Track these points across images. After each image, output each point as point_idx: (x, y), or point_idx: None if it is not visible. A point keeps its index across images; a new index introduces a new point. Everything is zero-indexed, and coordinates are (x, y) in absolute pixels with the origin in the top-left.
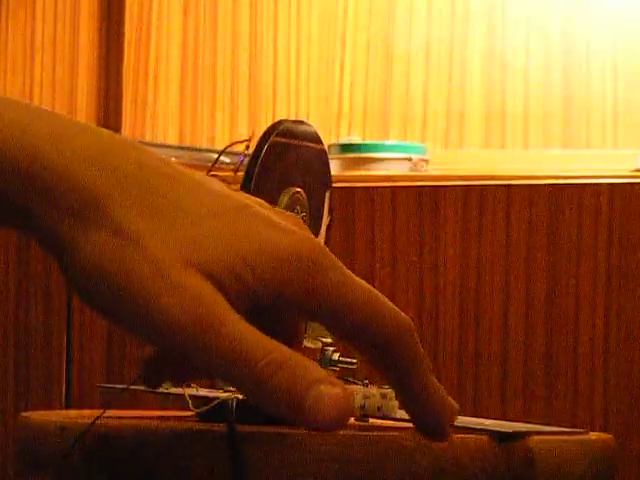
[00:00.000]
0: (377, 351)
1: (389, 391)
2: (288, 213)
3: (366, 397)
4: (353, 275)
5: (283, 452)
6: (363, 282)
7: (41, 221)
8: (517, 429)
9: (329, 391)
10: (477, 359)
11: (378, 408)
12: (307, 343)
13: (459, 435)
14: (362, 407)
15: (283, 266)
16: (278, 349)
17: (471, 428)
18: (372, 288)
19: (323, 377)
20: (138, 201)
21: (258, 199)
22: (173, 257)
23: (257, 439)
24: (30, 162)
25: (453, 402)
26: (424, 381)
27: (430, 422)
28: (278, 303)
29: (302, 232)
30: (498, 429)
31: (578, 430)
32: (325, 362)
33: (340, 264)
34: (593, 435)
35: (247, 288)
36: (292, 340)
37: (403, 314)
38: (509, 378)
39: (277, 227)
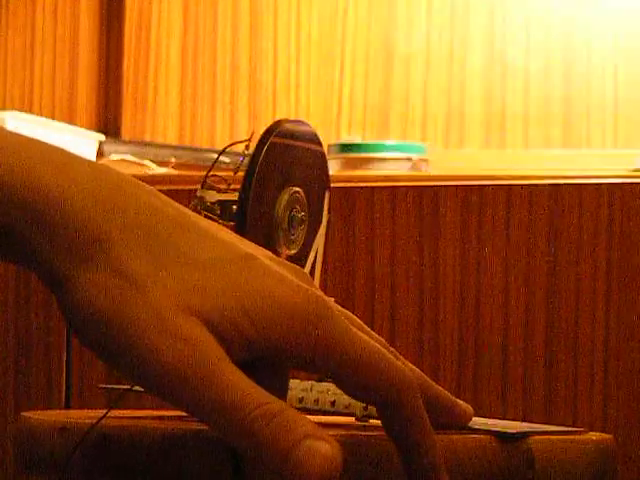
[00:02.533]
0: (378, 407)
1: None
2: (292, 265)
3: None
4: (357, 331)
5: None
6: (368, 339)
7: (40, 255)
8: (517, 429)
9: (317, 447)
10: (477, 358)
11: None
12: None
13: (459, 435)
14: (365, 408)
15: (285, 320)
16: (270, 401)
17: (471, 428)
18: (377, 345)
19: (312, 432)
20: (142, 244)
21: (265, 250)
22: (173, 303)
23: None
24: (23, 188)
25: (467, 408)
26: (421, 440)
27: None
28: (278, 356)
29: (307, 286)
30: (499, 429)
31: (577, 430)
32: None
33: (344, 320)
34: (593, 435)
35: (246, 339)
36: (282, 388)
37: (408, 373)
38: (509, 378)
39: (282, 280)
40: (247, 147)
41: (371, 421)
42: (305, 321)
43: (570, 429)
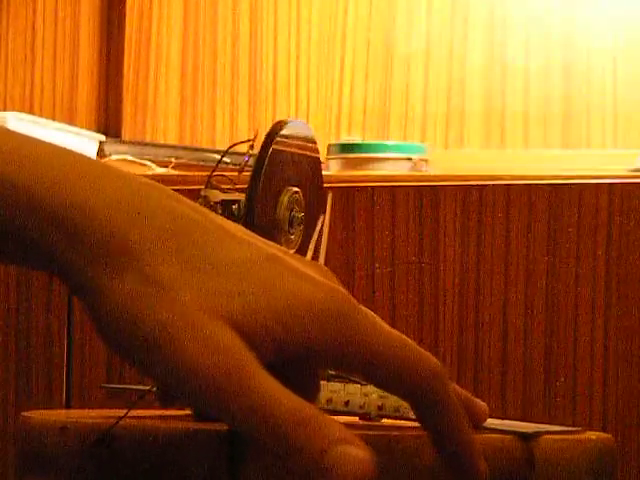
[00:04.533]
0: (410, 398)
1: None
2: (314, 262)
3: (382, 397)
4: (383, 323)
5: None
6: (393, 330)
7: (67, 263)
8: (517, 429)
9: (350, 452)
10: (477, 359)
11: (396, 409)
12: None
13: None
14: (380, 408)
15: (315, 319)
16: (303, 407)
17: (483, 428)
18: (402, 336)
19: (346, 437)
20: (169, 250)
21: (284, 248)
22: (204, 308)
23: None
24: (50, 197)
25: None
26: (456, 427)
27: (462, 465)
28: (308, 356)
29: (331, 284)
30: (506, 428)
31: (575, 429)
32: None
33: (370, 314)
34: (592, 435)
35: (276, 342)
36: (311, 391)
37: (434, 360)
38: (509, 378)
39: (307, 279)
40: (252, 147)
41: (383, 421)
42: (334, 319)
43: (569, 429)
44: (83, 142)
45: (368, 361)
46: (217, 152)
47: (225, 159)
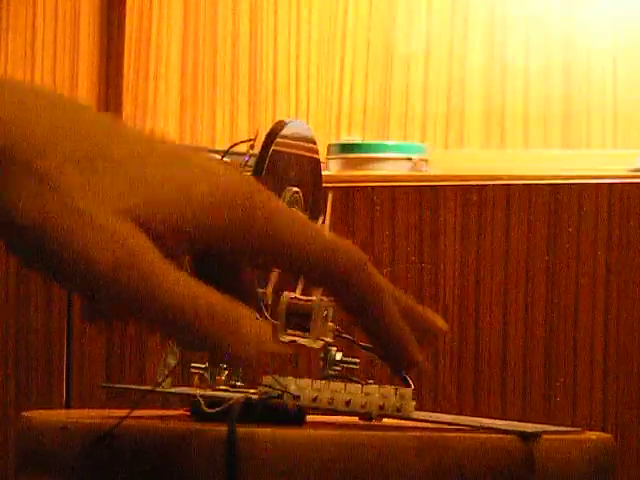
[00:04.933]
0: (333, 286)
1: (407, 391)
2: (229, 162)
3: (385, 397)
4: (299, 216)
5: (283, 452)
6: (311, 222)
7: None
8: (517, 429)
9: (252, 324)
10: (477, 359)
11: (397, 409)
12: (310, 343)
13: (459, 435)
14: (381, 407)
15: (220, 210)
16: (201, 288)
17: (472, 426)
18: (320, 228)
19: (247, 314)
20: (68, 150)
21: (205, 153)
22: (101, 203)
23: (257, 439)
24: None
25: (441, 322)
26: (384, 311)
27: (397, 350)
28: (219, 249)
29: (238, 174)
30: (507, 428)
31: (575, 429)
32: (328, 362)
33: (284, 207)
34: (592, 435)
35: (181, 234)
36: (245, 295)
37: (355, 248)
38: (509, 378)
39: (213, 172)
40: (252, 147)
41: (384, 420)
42: (241, 209)
43: (569, 429)
44: None
45: (280, 250)
46: (217, 152)
47: (225, 159)
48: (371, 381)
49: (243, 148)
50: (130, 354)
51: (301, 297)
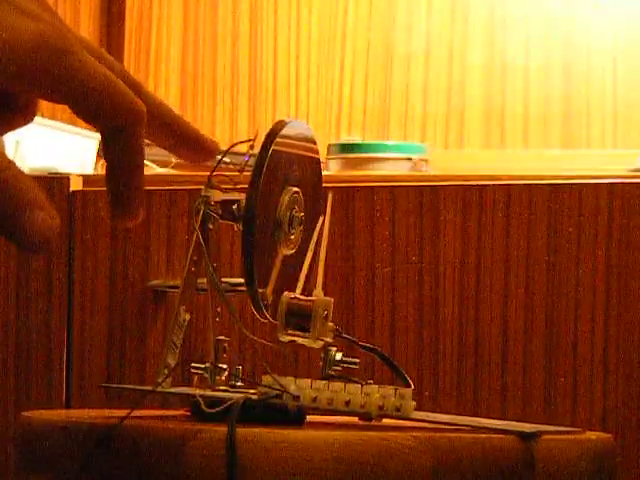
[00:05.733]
0: (106, 133)
1: (407, 391)
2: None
3: (384, 397)
4: (95, 62)
5: (283, 452)
6: (106, 71)
7: None
8: (517, 429)
9: (40, 215)
10: (477, 358)
11: (397, 409)
12: (310, 343)
13: (459, 435)
14: (381, 408)
15: (26, 54)
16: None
17: (472, 426)
18: (112, 76)
19: (35, 200)
20: None
21: None
22: None
23: (257, 439)
24: None
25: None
26: (133, 165)
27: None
28: (18, 88)
29: (47, 18)
30: (507, 428)
31: (575, 429)
32: (329, 362)
33: (83, 51)
34: (592, 435)
35: None
36: (24, 112)
37: (138, 102)
38: (509, 378)
39: (23, 13)
40: (252, 147)
41: (384, 420)
42: (45, 53)
43: (569, 429)
44: (83, 142)
45: (75, 94)
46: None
47: (225, 159)
48: (371, 381)
49: (243, 148)
50: (130, 354)
51: (301, 297)
